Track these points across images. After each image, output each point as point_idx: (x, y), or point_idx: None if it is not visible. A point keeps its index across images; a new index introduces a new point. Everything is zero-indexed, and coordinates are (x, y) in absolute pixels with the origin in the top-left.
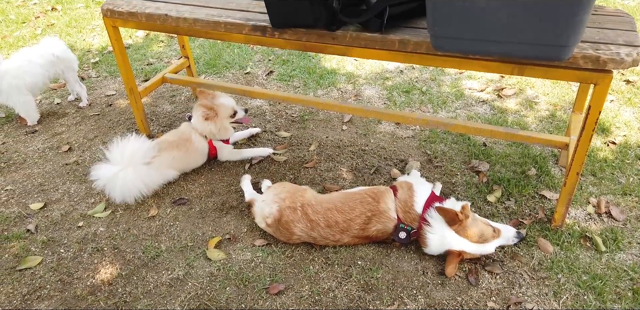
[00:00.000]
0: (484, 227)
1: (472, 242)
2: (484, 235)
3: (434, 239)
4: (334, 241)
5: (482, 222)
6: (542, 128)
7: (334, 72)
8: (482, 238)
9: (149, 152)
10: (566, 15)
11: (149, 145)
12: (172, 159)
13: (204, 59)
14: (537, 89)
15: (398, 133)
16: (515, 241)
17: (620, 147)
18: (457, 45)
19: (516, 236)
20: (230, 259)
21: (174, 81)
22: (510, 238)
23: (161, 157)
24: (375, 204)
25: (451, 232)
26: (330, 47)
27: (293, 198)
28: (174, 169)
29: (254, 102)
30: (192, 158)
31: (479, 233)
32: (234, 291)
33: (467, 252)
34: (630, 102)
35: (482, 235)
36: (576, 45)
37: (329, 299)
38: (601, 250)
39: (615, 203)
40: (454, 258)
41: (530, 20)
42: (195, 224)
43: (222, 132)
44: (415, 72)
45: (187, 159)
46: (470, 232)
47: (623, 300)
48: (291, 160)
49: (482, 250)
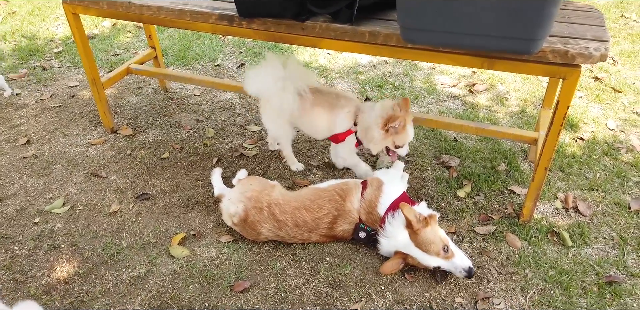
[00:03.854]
0: (436, 240)
1: (416, 246)
2: (431, 247)
3: (386, 243)
4: (302, 240)
5: (439, 237)
6: (512, 123)
7: (306, 66)
8: (427, 248)
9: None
10: (535, 9)
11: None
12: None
13: (172, 50)
14: (508, 84)
15: None
16: (462, 274)
17: (588, 143)
18: (426, 38)
19: (466, 270)
20: (194, 256)
21: (139, 72)
22: (458, 268)
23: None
24: (342, 203)
25: (404, 234)
26: (299, 38)
27: (259, 197)
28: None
29: (223, 95)
30: (325, 124)
31: (429, 243)
32: (197, 289)
33: (411, 257)
34: (598, 98)
35: (430, 246)
36: (545, 39)
37: (296, 296)
38: (568, 245)
39: (582, 198)
40: (397, 258)
41: (499, 13)
42: (158, 219)
43: (374, 144)
44: (389, 67)
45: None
46: (422, 240)
47: (589, 294)
48: (260, 155)
49: (422, 260)
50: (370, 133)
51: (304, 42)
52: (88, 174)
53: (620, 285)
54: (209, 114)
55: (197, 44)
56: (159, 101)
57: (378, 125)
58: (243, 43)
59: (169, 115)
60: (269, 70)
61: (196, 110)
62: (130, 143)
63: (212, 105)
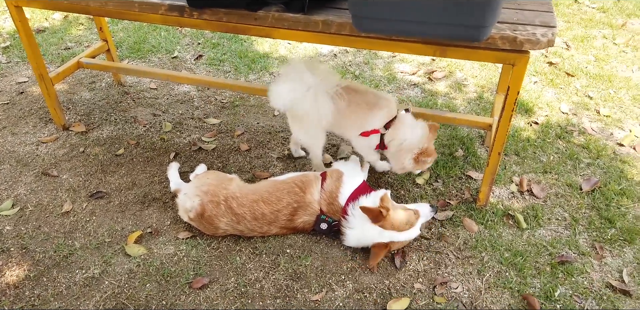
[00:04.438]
0: (406, 214)
1: (400, 231)
2: (409, 221)
3: (352, 235)
4: (262, 233)
5: (401, 209)
6: (470, 109)
7: (266, 56)
8: (409, 225)
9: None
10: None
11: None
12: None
13: (127, 42)
14: (466, 71)
15: None
16: (432, 214)
17: (542, 127)
18: (377, 26)
19: (432, 210)
20: (151, 254)
21: (90, 66)
22: (428, 214)
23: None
24: (302, 195)
25: (375, 228)
26: (252, 28)
27: (216, 191)
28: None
29: (181, 87)
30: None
31: (404, 221)
32: (154, 288)
33: (395, 242)
34: (552, 83)
35: (408, 221)
36: (493, 26)
37: (256, 290)
38: (522, 228)
39: (536, 181)
40: (381, 250)
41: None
42: (114, 218)
43: (400, 167)
44: (349, 56)
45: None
46: (396, 223)
47: (542, 275)
48: (220, 148)
49: (411, 235)
50: (401, 157)
51: (258, 32)
52: (38, 173)
53: (572, 265)
54: (166, 108)
55: (153, 35)
56: (113, 96)
57: (412, 153)
58: (201, 34)
59: (124, 110)
60: (295, 81)
61: (153, 104)
62: (84, 140)
63: (169, 98)
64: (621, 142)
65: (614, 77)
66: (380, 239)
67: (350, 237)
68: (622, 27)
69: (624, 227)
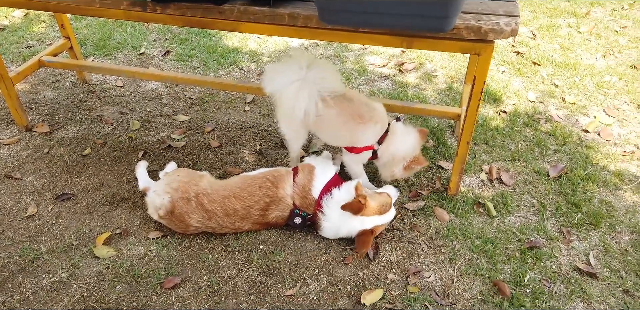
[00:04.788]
0: (380, 197)
1: (381, 214)
2: (387, 202)
3: (328, 227)
4: (234, 229)
5: (376, 195)
6: (440, 100)
7: (236, 51)
8: (387, 205)
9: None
10: None
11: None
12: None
13: (92, 39)
14: (435, 62)
15: None
16: (399, 194)
17: (510, 116)
18: (343, 18)
19: (397, 190)
20: (121, 255)
21: (53, 64)
22: (395, 194)
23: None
24: (274, 190)
25: (359, 218)
26: (218, 22)
27: (186, 187)
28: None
29: (148, 85)
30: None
31: (382, 204)
32: (125, 289)
33: (379, 226)
34: (519, 72)
35: (386, 203)
36: (457, 16)
37: (229, 288)
38: (492, 215)
39: (505, 169)
40: (368, 236)
41: None
42: (81, 220)
43: (389, 174)
44: (320, 49)
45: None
46: (376, 208)
47: (512, 260)
48: (190, 145)
49: (391, 217)
50: (392, 167)
51: (223, 26)
52: (1, 176)
53: (540, 250)
54: (134, 106)
55: (119, 32)
56: (78, 95)
57: (404, 162)
58: (168, 29)
59: (90, 109)
60: (289, 69)
61: (119, 102)
62: (48, 141)
63: (136, 96)
64: (586, 128)
65: (578, 65)
66: (364, 227)
67: (326, 230)
68: (586, 15)
69: (589, 211)
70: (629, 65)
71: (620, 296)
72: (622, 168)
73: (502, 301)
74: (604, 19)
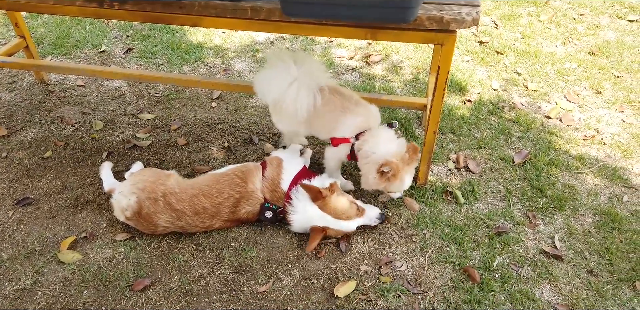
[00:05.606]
0: (348, 205)
1: (335, 218)
2: (347, 212)
3: (296, 220)
4: (205, 228)
5: (347, 200)
6: (407, 91)
7: (200, 46)
8: (345, 215)
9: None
10: None
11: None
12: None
13: (49, 38)
14: (401, 54)
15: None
16: (377, 222)
17: (476, 105)
18: (306, 11)
19: (378, 217)
20: (87, 259)
21: (8, 65)
22: (372, 218)
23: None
24: (244, 185)
25: (315, 208)
26: (178, 17)
27: (153, 187)
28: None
29: (111, 83)
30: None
31: (343, 210)
32: (92, 294)
33: (330, 228)
34: (483, 61)
35: (346, 212)
36: (419, 7)
37: (200, 287)
38: (461, 203)
39: (472, 157)
40: (318, 234)
41: None
42: (44, 225)
43: (367, 184)
44: (286, 43)
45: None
46: (334, 209)
47: (481, 247)
48: (156, 144)
49: (345, 227)
50: (368, 170)
51: (184, 21)
52: None
53: (508, 235)
54: (96, 105)
55: (78, 29)
56: (36, 95)
57: (376, 167)
58: (130, 26)
59: (50, 110)
60: (279, 72)
61: (81, 102)
62: (5, 144)
63: (98, 95)
64: (548, 114)
65: (539, 53)
66: (318, 222)
67: (295, 223)
68: (545, 4)
69: (553, 195)
70: (587, 51)
71: (584, 276)
72: (583, 152)
73: (472, 287)
74: (562, 8)
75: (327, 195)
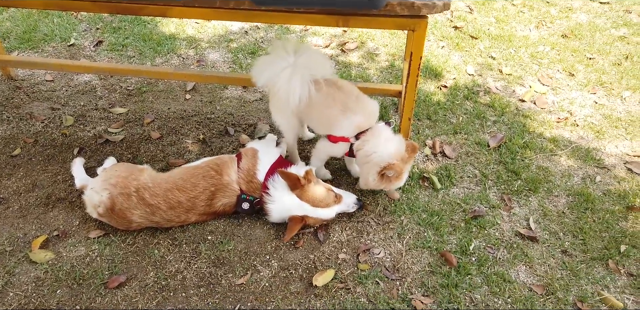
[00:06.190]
0: (325, 192)
1: (313, 206)
2: (325, 199)
3: (275, 209)
4: (180, 222)
5: (324, 188)
6: (383, 78)
7: (173, 37)
8: (324, 202)
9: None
10: None
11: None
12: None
13: (15, 32)
14: (377, 41)
15: (246, 97)
16: (354, 208)
17: (451, 90)
18: None
19: (356, 203)
20: (60, 258)
21: None
22: (350, 204)
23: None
24: (219, 178)
25: (293, 197)
26: (145, 7)
27: (126, 182)
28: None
29: (81, 77)
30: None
31: (321, 197)
32: (66, 293)
33: (309, 217)
34: (458, 46)
35: (324, 199)
36: None
37: (177, 282)
38: (437, 188)
39: (448, 142)
40: (296, 224)
41: None
42: (14, 224)
43: (365, 184)
44: (261, 32)
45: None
46: (312, 197)
47: (457, 231)
48: (129, 138)
49: (324, 215)
50: (367, 170)
51: (151, 11)
52: None
53: (484, 218)
54: (66, 100)
55: (45, 23)
56: (3, 92)
57: (378, 167)
58: (99, 18)
59: (18, 107)
60: (276, 58)
61: (50, 97)
62: None
63: (68, 90)
64: (522, 98)
65: (513, 37)
66: (297, 212)
67: (273, 213)
68: None
69: (528, 177)
70: (560, 34)
71: (559, 257)
72: (556, 134)
73: (449, 271)
74: None
75: (305, 183)
